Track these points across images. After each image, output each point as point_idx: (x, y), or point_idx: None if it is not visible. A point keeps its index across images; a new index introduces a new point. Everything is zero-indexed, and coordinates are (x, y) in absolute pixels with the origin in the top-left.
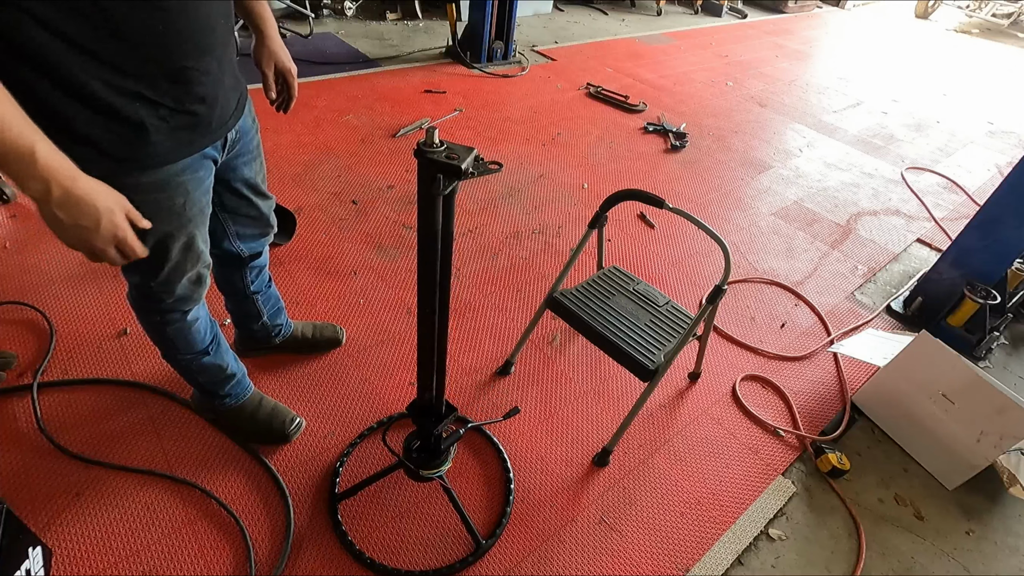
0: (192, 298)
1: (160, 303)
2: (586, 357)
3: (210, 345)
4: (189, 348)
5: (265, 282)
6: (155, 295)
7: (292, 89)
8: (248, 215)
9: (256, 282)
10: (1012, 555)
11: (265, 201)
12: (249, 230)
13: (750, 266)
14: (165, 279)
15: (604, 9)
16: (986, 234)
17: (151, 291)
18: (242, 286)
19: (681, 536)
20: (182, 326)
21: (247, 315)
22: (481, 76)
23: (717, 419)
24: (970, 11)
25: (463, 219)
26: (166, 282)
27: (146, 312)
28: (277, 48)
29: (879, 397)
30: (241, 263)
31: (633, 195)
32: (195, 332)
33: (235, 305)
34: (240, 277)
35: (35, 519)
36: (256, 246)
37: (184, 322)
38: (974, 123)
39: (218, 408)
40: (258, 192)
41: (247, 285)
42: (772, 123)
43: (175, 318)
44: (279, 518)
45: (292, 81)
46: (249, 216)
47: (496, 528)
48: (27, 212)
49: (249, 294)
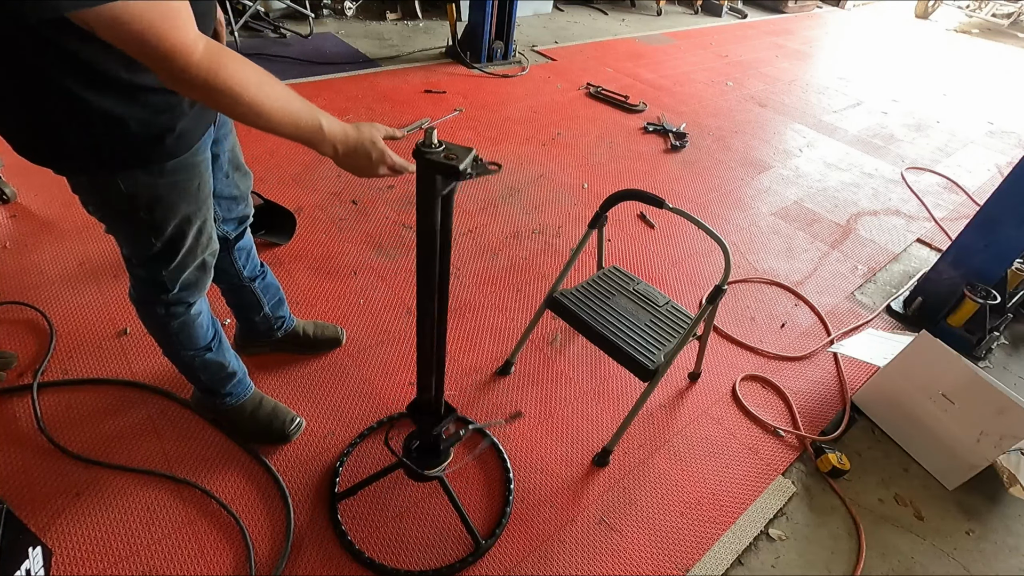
0: (197, 287)
1: (166, 294)
2: (586, 357)
3: (212, 341)
4: (192, 344)
5: (257, 267)
6: (162, 285)
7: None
8: (231, 195)
9: (248, 266)
10: (1012, 555)
11: (244, 178)
12: (232, 211)
13: (750, 266)
14: (178, 265)
15: (604, 9)
16: (986, 234)
17: (158, 281)
18: (234, 271)
19: (681, 536)
20: (186, 320)
21: (247, 305)
22: (481, 76)
23: (717, 419)
24: (970, 11)
25: (463, 219)
26: (178, 268)
27: (151, 306)
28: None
29: (879, 397)
30: (228, 246)
31: (633, 195)
32: (198, 327)
33: (233, 296)
34: (231, 262)
35: (35, 519)
36: (239, 227)
37: (188, 316)
38: (974, 123)
39: (218, 407)
40: (238, 167)
41: (239, 271)
42: (772, 123)
43: (180, 311)
44: (279, 518)
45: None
46: (231, 196)
47: (496, 528)
48: (27, 212)
49: (244, 281)
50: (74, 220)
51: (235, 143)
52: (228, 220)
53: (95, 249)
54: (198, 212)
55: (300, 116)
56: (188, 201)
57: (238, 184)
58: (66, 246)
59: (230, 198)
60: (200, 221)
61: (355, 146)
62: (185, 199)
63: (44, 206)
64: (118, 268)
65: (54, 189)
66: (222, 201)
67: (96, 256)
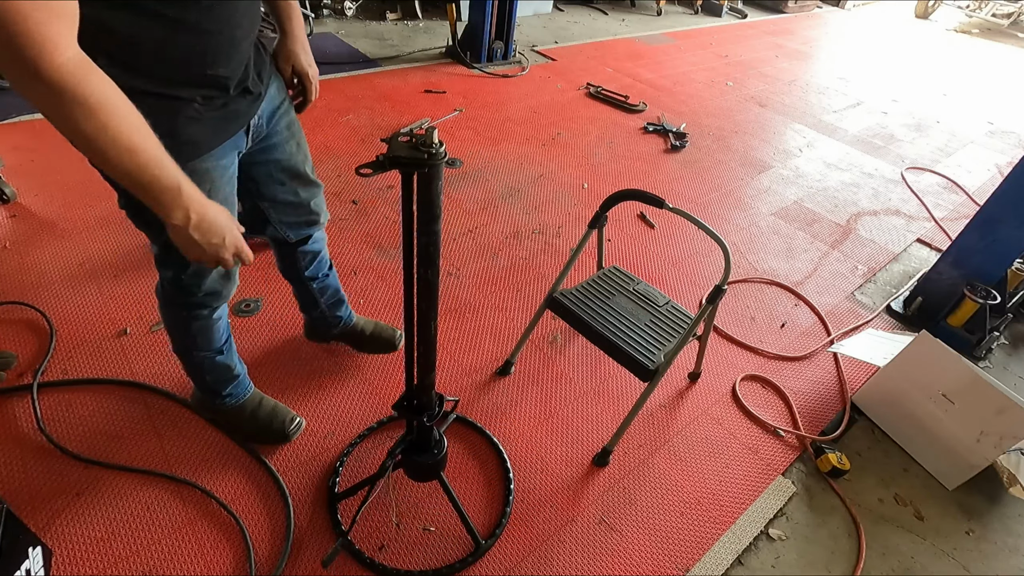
0: (221, 294)
1: (191, 297)
2: (586, 357)
3: (224, 344)
4: (207, 345)
5: (323, 270)
6: (187, 288)
7: (309, 91)
8: (286, 200)
9: (311, 268)
10: (1012, 555)
11: (306, 188)
12: (290, 217)
13: (750, 266)
14: (195, 270)
15: (604, 9)
16: (986, 234)
17: (183, 284)
18: (296, 271)
19: (681, 536)
20: (207, 323)
21: (306, 302)
22: (481, 76)
23: (717, 419)
24: (970, 11)
25: (463, 219)
26: (196, 273)
27: (175, 307)
28: (298, 48)
29: (879, 397)
30: (291, 248)
31: (633, 195)
32: (216, 330)
33: (296, 290)
34: (293, 262)
35: (35, 519)
36: (301, 232)
37: (210, 319)
38: (974, 123)
39: (219, 407)
40: (296, 176)
41: (300, 271)
42: (772, 123)
43: (203, 314)
44: (279, 518)
45: (309, 84)
46: (287, 202)
47: (496, 528)
48: (27, 212)
49: (304, 280)
50: (74, 220)
51: (293, 155)
52: (286, 224)
53: (95, 249)
54: None
55: (162, 166)
56: None
57: (297, 192)
58: (66, 246)
59: (286, 203)
60: None
61: (214, 221)
62: None
63: (44, 206)
64: (118, 268)
65: (54, 189)
66: (277, 206)
67: (96, 256)
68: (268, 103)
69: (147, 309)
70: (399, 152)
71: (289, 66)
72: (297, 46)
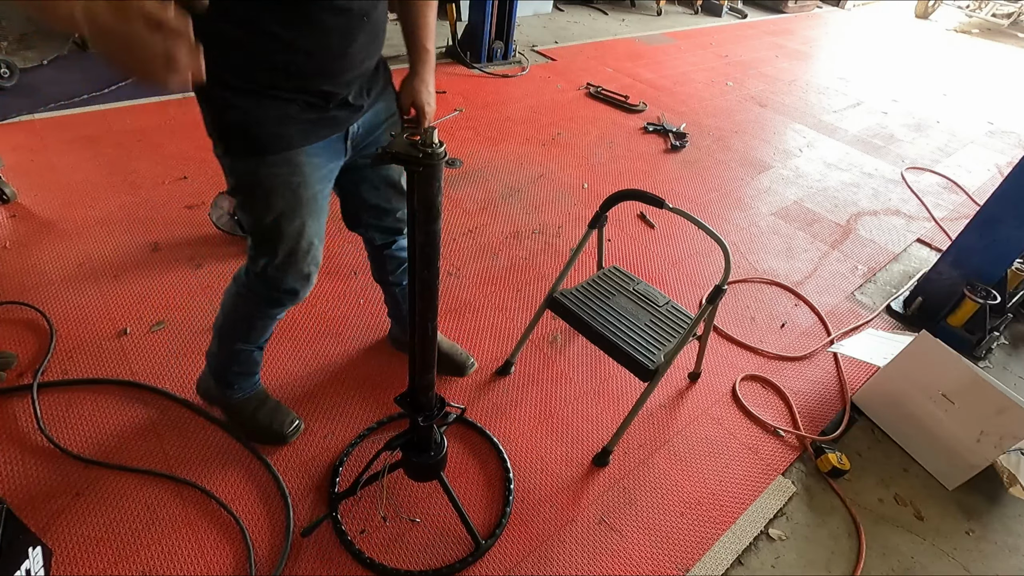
0: (298, 295)
1: (272, 292)
2: (586, 357)
3: (265, 340)
4: (256, 340)
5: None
6: (270, 282)
7: (422, 124)
8: (378, 205)
9: (396, 273)
10: (1012, 555)
11: (399, 197)
12: (379, 221)
13: (750, 266)
14: (282, 262)
15: (604, 9)
16: (986, 234)
17: (268, 277)
18: (383, 274)
19: (681, 536)
20: (270, 321)
21: (392, 307)
22: (481, 76)
23: (717, 419)
24: (970, 11)
25: (463, 219)
26: (282, 266)
27: (251, 299)
28: (423, 88)
29: (879, 397)
30: (378, 250)
31: (633, 195)
32: (270, 328)
33: (385, 294)
34: (381, 264)
35: (35, 519)
36: (387, 237)
37: (275, 319)
38: (974, 123)
39: (226, 398)
40: (391, 184)
41: (386, 274)
42: (772, 123)
43: (272, 312)
44: (279, 518)
45: (424, 119)
46: (379, 208)
47: (496, 528)
48: (27, 212)
49: (390, 283)
50: (74, 220)
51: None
52: (375, 227)
53: (95, 249)
54: (296, 210)
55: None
56: (285, 194)
57: (390, 199)
58: (66, 246)
59: (376, 207)
60: (299, 222)
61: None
62: (283, 194)
63: (44, 206)
64: (118, 268)
65: (54, 189)
66: (369, 208)
67: (96, 256)
68: (373, 116)
69: (147, 309)
70: (399, 148)
71: (410, 101)
72: (423, 86)
